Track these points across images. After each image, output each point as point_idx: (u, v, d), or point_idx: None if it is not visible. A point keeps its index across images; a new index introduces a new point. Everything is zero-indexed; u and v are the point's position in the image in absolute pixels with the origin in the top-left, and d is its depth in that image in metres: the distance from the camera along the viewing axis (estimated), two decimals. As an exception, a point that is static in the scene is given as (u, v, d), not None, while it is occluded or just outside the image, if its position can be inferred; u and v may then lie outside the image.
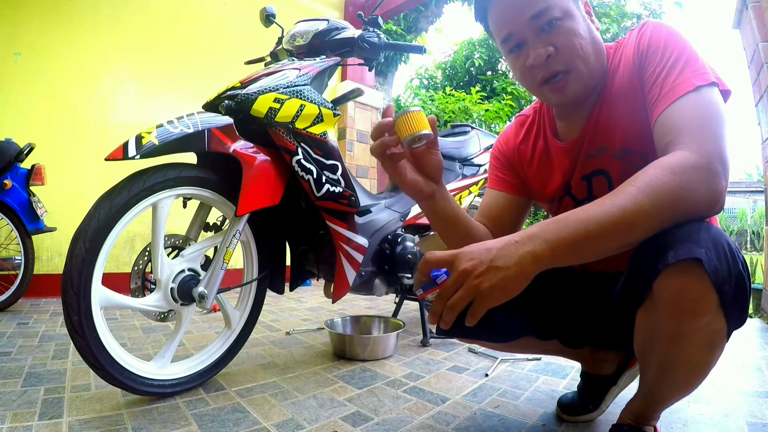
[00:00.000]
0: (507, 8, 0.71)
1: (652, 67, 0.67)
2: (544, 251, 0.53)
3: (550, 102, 0.81)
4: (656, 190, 0.53)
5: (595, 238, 0.53)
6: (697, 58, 0.65)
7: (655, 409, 0.73)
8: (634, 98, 0.71)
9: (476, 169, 1.98)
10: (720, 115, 0.60)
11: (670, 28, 0.69)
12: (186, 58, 3.10)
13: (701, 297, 0.53)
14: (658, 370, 0.66)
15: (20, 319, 1.97)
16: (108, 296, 0.95)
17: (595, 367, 1.00)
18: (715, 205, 0.56)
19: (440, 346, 1.61)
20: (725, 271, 0.52)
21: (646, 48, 0.69)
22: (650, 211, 0.53)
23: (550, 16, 0.68)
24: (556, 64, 0.70)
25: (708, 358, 0.60)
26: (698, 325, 0.56)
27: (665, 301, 0.57)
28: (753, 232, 9.15)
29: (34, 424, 0.89)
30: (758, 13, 2.06)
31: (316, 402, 1.06)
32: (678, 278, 0.54)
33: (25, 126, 2.50)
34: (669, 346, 0.61)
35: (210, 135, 1.02)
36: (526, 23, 0.70)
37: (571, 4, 0.71)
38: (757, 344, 1.66)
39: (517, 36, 0.72)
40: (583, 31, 0.70)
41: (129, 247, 2.81)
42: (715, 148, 0.56)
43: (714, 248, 0.53)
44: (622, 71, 0.73)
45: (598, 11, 7.31)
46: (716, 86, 0.62)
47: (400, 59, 6.08)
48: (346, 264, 1.32)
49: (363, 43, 1.36)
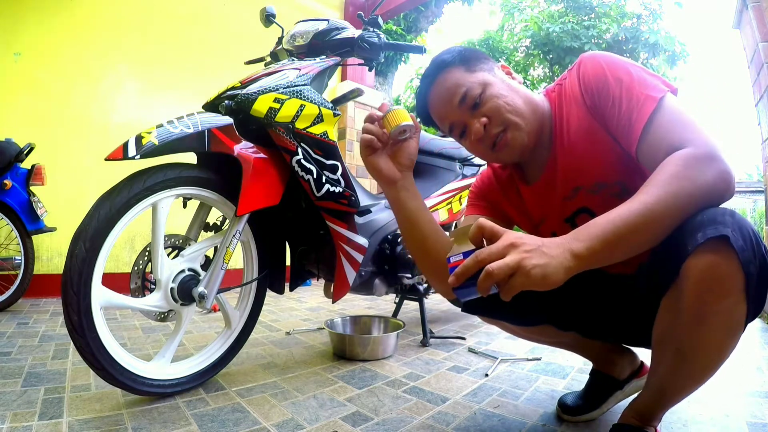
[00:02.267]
0: (439, 104, 0.82)
1: (610, 102, 0.71)
2: (582, 251, 0.56)
3: (506, 161, 0.88)
4: (673, 183, 0.57)
5: (625, 236, 0.56)
6: (641, 74, 0.70)
7: (663, 406, 0.74)
8: (594, 136, 0.75)
9: (476, 169, 1.98)
10: (688, 114, 0.65)
11: (605, 57, 0.74)
12: (186, 58, 3.10)
13: (729, 276, 0.55)
14: (676, 358, 0.67)
15: (20, 319, 1.97)
16: (108, 296, 0.95)
17: (606, 367, 1.01)
18: (728, 188, 0.59)
19: (440, 346, 1.61)
20: (751, 252, 0.54)
21: (594, 86, 0.74)
22: (671, 203, 0.56)
23: (473, 95, 0.77)
24: (493, 127, 0.78)
25: (726, 344, 0.61)
26: (721, 307, 0.57)
27: (693, 280, 0.58)
28: (753, 232, 9.13)
29: (34, 424, 0.89)
30: (758, 13, 2.06)
31: (316, 402, 1.06)
32: (708, 256, 0.56)
33: (25, 126, 2.50)
34: (691, 329, 0.62)
35: (210, 135, 1.02)
36: (458, 109, 0.79)
37: (487, 75, 0.79)
38: (757, 344, 1.66)
39: (458, 123, 0.81)
40: (504, 91, 0.78)
41: (129, 247, 2.81)
42: (708, 140, 0.60)
43: (740, 230, 0.55)
44: (575, 112, 0.78)
45: (598, 11, 7.32)
46: (669, 92, 0.68)
47: (400, 59, 6.08)
48: (346, 264, 1.32)
49: (363, 43, 1.36)
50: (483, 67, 0.80)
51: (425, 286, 1.74)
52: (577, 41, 6.94)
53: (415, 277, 1.62)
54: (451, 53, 0.81)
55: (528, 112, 0.78)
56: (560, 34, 7.01)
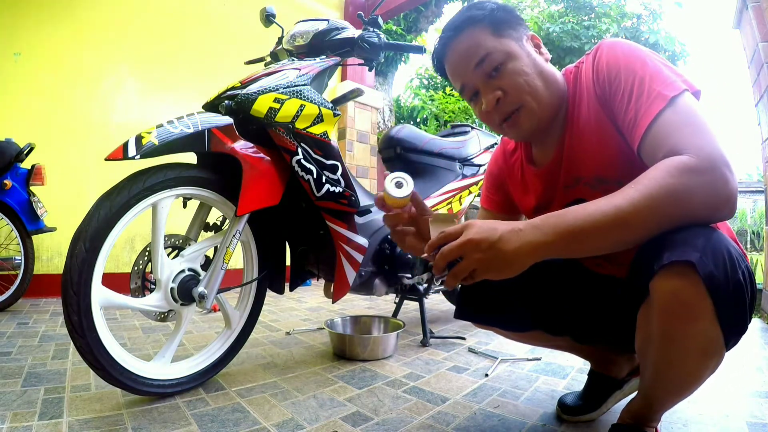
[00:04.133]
0: (455, 62, 0.78)
1: (620, 95, 0.67)
2: (541, 243, 0.56)
3: (513, 138, 0.86)
4: (652, 191, 0.54)
5: (589, 234, 0.55)
6: (660, 69, 0.65)
7: (653, 410, 0.73)
8: (601, 128, 0.72)
9: (476, 169, 1.98)
10: (702, 117, 0.59)
11: (624, 46, 0.70)
12: (186, 58, 3.10)
13: (695, 302, 0.53)
14: (654, 371, 0.67)
15: (20, 319, 1.97)
16: (108, 296, 0.95)
17: (604, 367, 1.01)
18: (720, 205, 0.55)
19: (440, 346, 1.61)
20: (722, 278, 0.52)
21: (606, 76, 0.70)
22: (644, 211, 0.54)
23: (493, 61, 0.73)
24: (507, 105, 0.75)
25: (702, 365, 0.60)
26: (692, 330, 0.56)
27: (658, 302, 0.57)
28: (753, 232, 9.14)
29: (34, 424, 0.89)
30: (758, 13, 2.06)
31: (316, 402, 1.06)
32: (671, 280, 0.54)
33: (25, 126, 2.50)
34: (662, 347, 0.61)
35: (210, 135, 1.02)
36: (472, 72, 0.75)
37: (513, 45, 0.74)
38: (757, 344, 1.66)
39: (470, 86, 0.78)
40: (528, 68, 0.74)
41: (129, 247, 2.81)
42: (714, 150, 0.55)
43: (712, 254, 0.52)
44: (586, 101, 0.74)
45: (598, 11, 7.32)
46: (688, 91, 0.62)
47: (400, 59, 6.08)
48: (346, 264, 1.32)
49: (363, 43, 1.36)
50: (512, 34, 0.75)
51: (425, 286, 1.74)
52: (577, 41, 6.94)
53: (415, 277, 1.62)
54: (483, 9, 0.75)
55: (546, 96, 0.75)
56: (560, 34, 7.01)
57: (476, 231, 0.58)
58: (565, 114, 0.78)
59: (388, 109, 6.20)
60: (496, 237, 0.57)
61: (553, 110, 0.77)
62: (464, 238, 0.58)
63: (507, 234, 0.57)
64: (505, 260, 0.57)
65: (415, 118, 6.86)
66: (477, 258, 0.58)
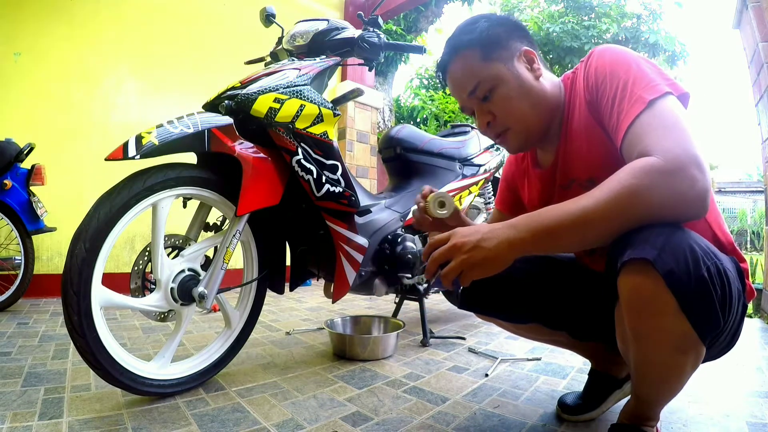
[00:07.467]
0: (452, 87, 0.85)
1: (605, 99, 0.70)
2: (517, 240, 0.61)
3: (507, 151, 0.92)
4: (615, 191, 0.57)
5: (558, 232, 0.59)
6: (645, 73, 0.67)
7: (645, 409, 0.74)
8: (591, 132, 0.76)
9: (476, 169, 1.98)
10: (679, 119, 0.61)
11: (612, 51, 0.73)
12: (186, 58, 3.10)
13: (655, 298, 0.55)
14: (634, 369, 0.69)
15: (20, 319, 1.97)
16: (108, 296, 0.95)
17: (604, 366, 1.01)
18: (685, 208, 0.56)
19: (440, 346, 1.61)
20: (683, 274, 0.53)
21: (594, 81, 0.73)
22: (606, 211, 0.57)
23: (484, 90, 0.79)
24: (496, 127, 0.82)
25: (678, 359, 0.61)
26: (658, 324, 0.58)
27: (623, 299, 0.60)
28: (753, 232, 9.13)
29: (34, 424, 0.89)
30: (758, 13, 2.06)
31: (316, 402, 1.06)
32: (632, 277, 0.57)
33: (25, 126, 2.50)
34: (636, 344, 0.63)
35: (210, 135, 1.02)
36: (468, 99, 0.82)
37: (502, 69, 0.78)
38: (757, 344, 1.66)
39: (467, 107, 0.85)
40: (514, 92, 0.78)
41: (129, 247, 2.81)
42: (682, 151, 0.56)
43: (672, 251, 0.54)
44: (578, 106, 0.78)
45: (598, 11, 7.31)
46: (671, 94, 0.64)
47: (400, 59, 6.07)
48: (346, 264, 1.32)
49: (363, 43, 1.36)
50: (503, 54, 0.78)
51: (425, 286, 1.74)
52: (577, 41, 6.93)
53: (415, 277, 1.62)
54: (473, 32, 0.78)
55: (533, 117, 0.80)
56: (560, 34, 7.01)
57: (461, 235, 0.64)
58: (563, 119, 0.82)
59: (388, 109, 6.19)
60: (477, 238, 0.62)
61: (542, 126, 0.82)
62: (451, 243, 0.64)
63: (487, 234, 0.62)
64: (487, 258, 0.61)
65: (415, 118, 6.85)
66: (462, 259, 0.62)
